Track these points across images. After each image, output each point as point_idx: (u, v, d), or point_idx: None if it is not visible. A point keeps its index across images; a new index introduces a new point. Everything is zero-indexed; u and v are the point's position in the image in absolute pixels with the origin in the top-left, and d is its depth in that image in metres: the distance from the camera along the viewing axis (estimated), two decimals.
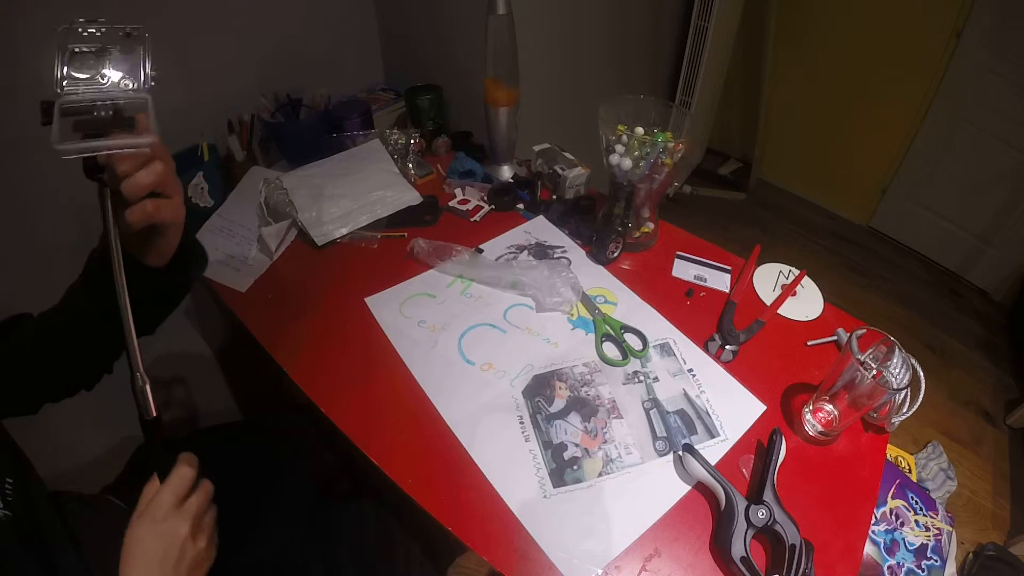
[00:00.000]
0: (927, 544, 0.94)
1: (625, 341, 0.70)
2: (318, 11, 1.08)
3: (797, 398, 0.64)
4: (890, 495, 0.98)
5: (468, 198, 0.93)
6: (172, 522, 0.45)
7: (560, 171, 0.91)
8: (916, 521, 0.96)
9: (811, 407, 0.61)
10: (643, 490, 0.56)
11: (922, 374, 0.57)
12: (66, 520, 0.50)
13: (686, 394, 0.65)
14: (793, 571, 0.47)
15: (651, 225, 0.85)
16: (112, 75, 0.38)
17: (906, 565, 0.91)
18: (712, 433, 0.61)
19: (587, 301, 0.75)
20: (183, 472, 0.46)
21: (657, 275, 0.81)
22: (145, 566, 0.44)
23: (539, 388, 0.65)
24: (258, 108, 1.02)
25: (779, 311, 0.75)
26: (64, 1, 0.67)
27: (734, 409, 0.63)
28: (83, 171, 0.37)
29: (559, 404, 0.63)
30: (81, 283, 0.51)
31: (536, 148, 0.96)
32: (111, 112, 0.38)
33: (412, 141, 1.01)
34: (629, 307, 0.76)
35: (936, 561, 0.93)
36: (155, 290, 0.51)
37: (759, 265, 0.83)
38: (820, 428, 0.60)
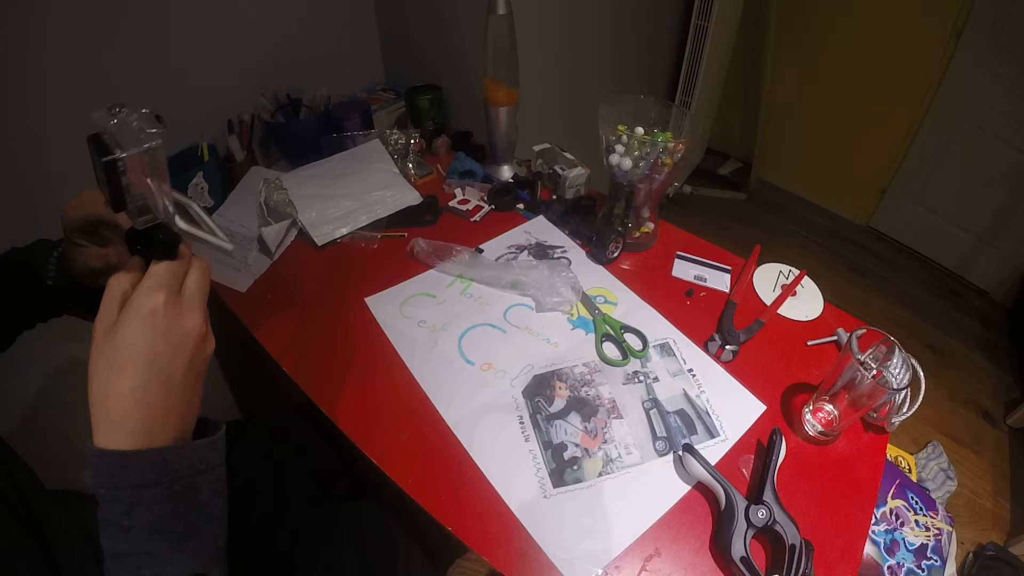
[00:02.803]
0: (927, 544, 0.94)
1: (625, 341, 0.70)
2: (318, 11, 1.08)
3: (797, 398, 0.64)
4: (890, 495, 0.98)
5: (468, 198, 0.93)
6: (176, 315, 0.34)
7: (560, 171, 0.91)
8: (916, 521, 0.96)
9: (811, 407, 0.61)
10: (643, 490, 0.56)
11: (922, 374, 0.57)
12: (72, 517, 0.49)
13: (686, 394, 0.65)
14: (793, 571, 0.47)
15: (651, 225, 0.85)
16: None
17: (906, 565, 0.91)
18: (712, 433, 0.61)
19: (587, 301, 0.75)
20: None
21: (657, 275, 0.81)
22: (146, 380, 0.32)
23: (539, 388, 0.65)
24: (258, 108, 1.02)
25: (779, 311, 0.75)
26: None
27: (734, 409, 0.63)
28: (141, 241, 0.38)
29: (559, 404, 0.63)
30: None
31: (536, 148, 0.96)
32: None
33: (412, 141, 1.01)
34: (629, 307, 0.76)
35: (936, 561, 0.93)
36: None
37: (759, 265, 0.83)
38: (820, 428, 0.60)
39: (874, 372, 0.56)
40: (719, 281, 0.80)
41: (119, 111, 0.35)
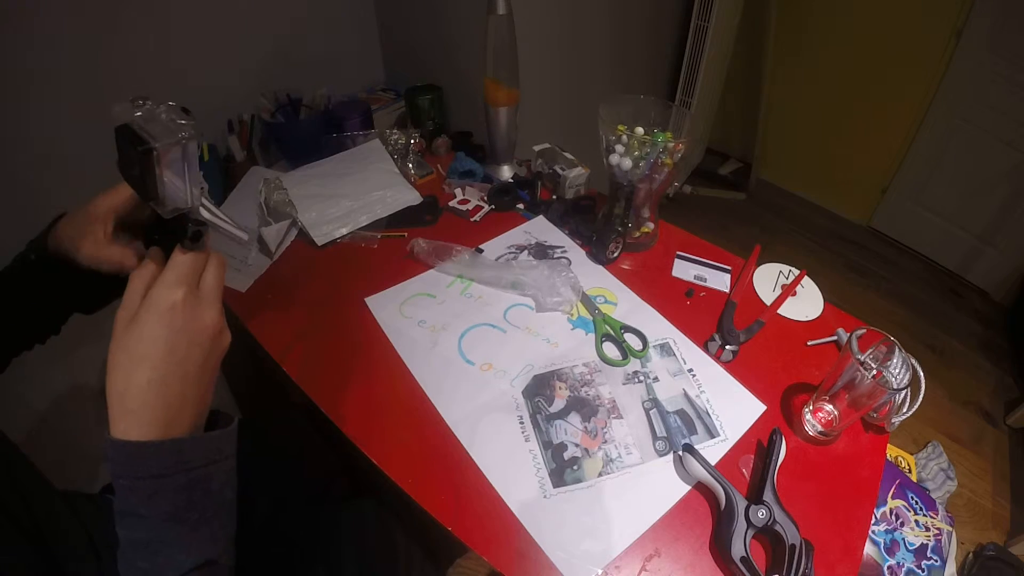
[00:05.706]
0: (927, 544, 0.94)
1: (625, 341, 0.70)
2: (318, 11, 1.08)
3: (797, 398, 0.64)
4: (890, 495, 0.98)
5: (468, 198, 0.93)
6: (193, 311, 0.35)
7: (560, 171, 0.91)
8: (916, 521, 0.96)
9: (811, 407, 0.61)
10: (643, 490, 0.56)
11: (922, 374, 0.57)
12: (72, 515, 0.49)
13: (686, 394, 0.65)
14: (793, 571, 0.47)
15: (651, 225, 0.85)
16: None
17: (906, 565, 0.91)
18: (712, 433, 0.61)
19: (587, 301, 0.75)
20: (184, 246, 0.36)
21: (657, 275, 0.81)
22: (164, 374, 0.33)
23: (539, 388, 0.65)
24: (258, 108, 1.02)
25: (779, 311, 0.75)
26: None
27: (734, 409, 0.63)
28: (166, 229, 0.38)
29: (559, 404, 0.63)
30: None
31: (536, 148, 0.96)
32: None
33: (412, 141, 1.01)
34: (629, 307, 0.76)
35: (936, 561, 0.93)
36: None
37: (759, 265, 0.83)
38: (820, 428, 0.60)
39: (874, 372, 0.56)
40: (719, 281, 0.80)
41: (143, 103, 0.36)
